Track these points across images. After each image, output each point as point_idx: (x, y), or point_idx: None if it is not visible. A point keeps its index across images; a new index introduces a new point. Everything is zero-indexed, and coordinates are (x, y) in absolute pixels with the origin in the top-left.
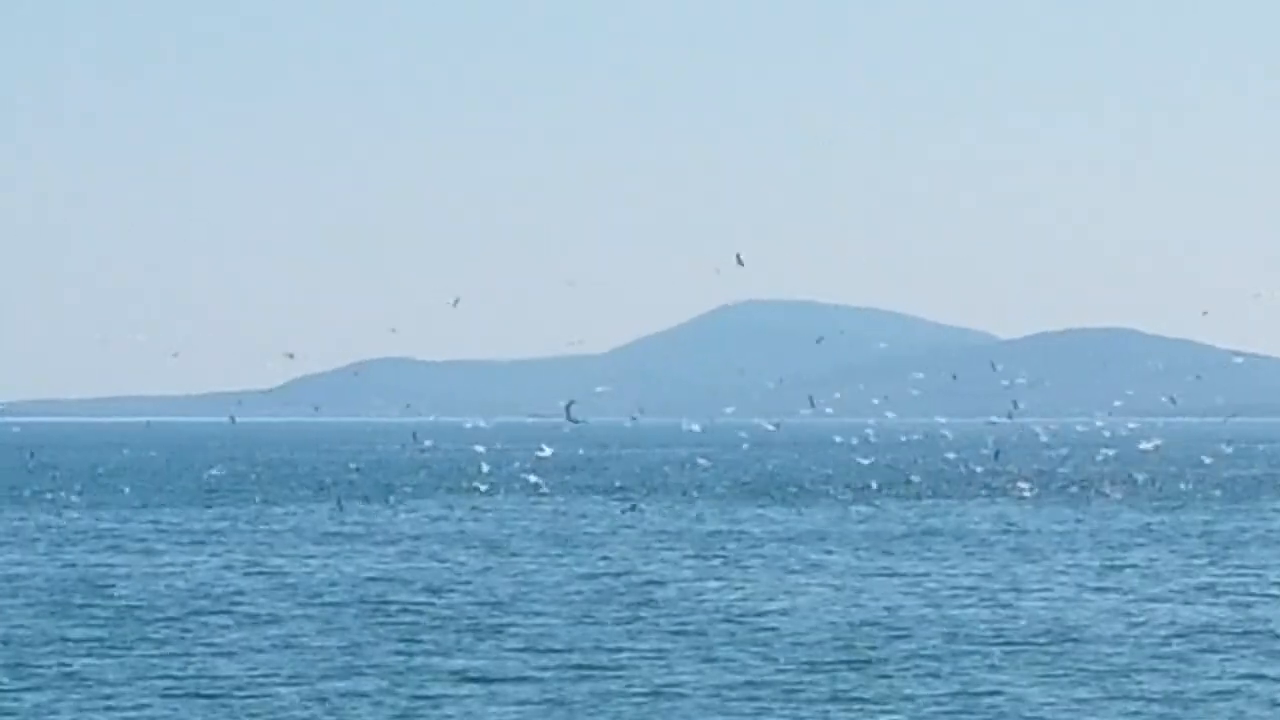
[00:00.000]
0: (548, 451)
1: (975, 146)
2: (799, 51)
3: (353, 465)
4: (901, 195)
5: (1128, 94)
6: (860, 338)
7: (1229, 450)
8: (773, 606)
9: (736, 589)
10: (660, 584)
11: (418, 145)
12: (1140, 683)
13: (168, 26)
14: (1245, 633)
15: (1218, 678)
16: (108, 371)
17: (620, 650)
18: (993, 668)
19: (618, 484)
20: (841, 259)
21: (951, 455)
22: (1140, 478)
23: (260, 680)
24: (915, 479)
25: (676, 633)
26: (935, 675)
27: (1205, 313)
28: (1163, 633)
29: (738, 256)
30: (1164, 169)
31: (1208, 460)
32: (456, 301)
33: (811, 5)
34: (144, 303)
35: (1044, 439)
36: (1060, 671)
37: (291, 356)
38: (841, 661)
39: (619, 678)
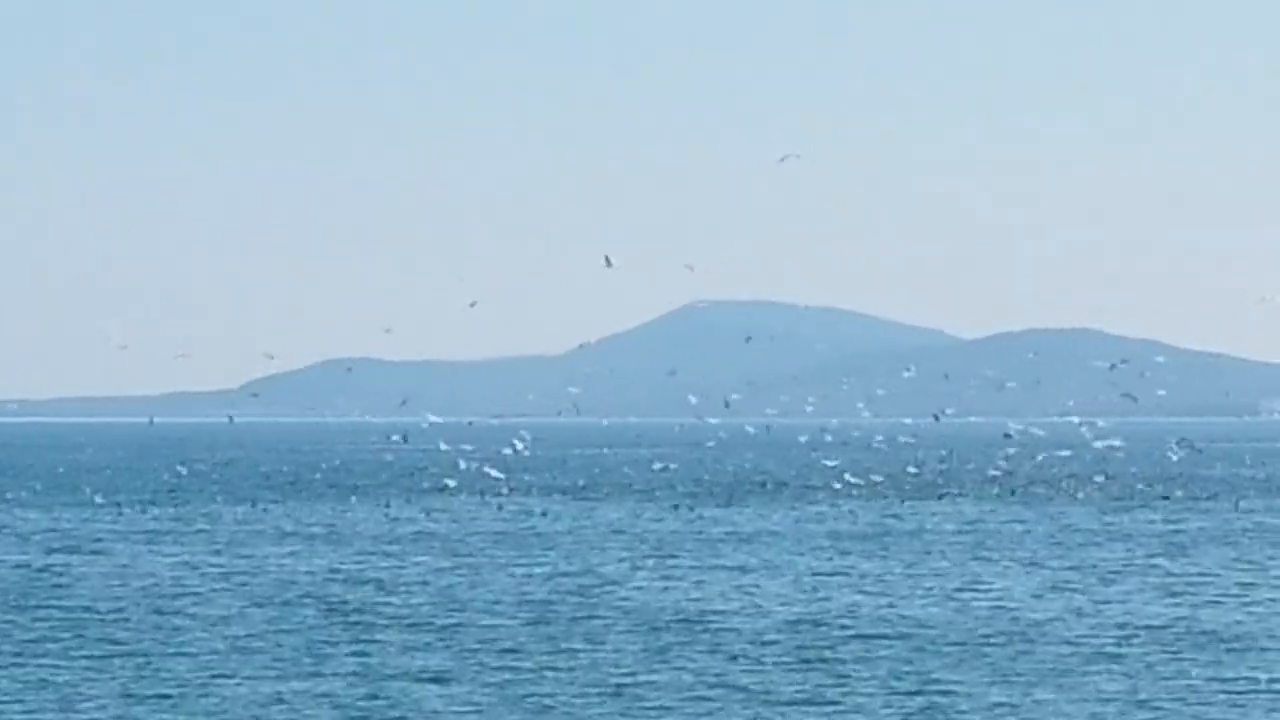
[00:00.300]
0: (522, 446)
1: (933, 147)
2: (757, 52)
3: (324, 465)
4: (863, 196)
5: (1086, 94)
6: (821, 338)
7: (1180, 451)
8: (730, 606)
9: (694, 589)
10: (617, 584)
11: (383, 146)
12: (1097, 682)
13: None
14: (1202, 632)
15: (1174, 678)
16: (72, 371)
17: (578, 650)
18: (949, 667)
19: (581, 483)
20: (804, 259)
21: (913, 454)
22: (1099, 478)
23: (217, 680)
24: (877, 479)
25: (633, 632)
26: (892, 675)
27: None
28: (1120, 632)
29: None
30: (1125, 168)
31: (1173, 458)
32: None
33: (772, 6)
34: (110, 303)
35: (1012, 435)
36: (1017, 671)
37: (272, 357)
38: (798, 661)
39: (575, 677)
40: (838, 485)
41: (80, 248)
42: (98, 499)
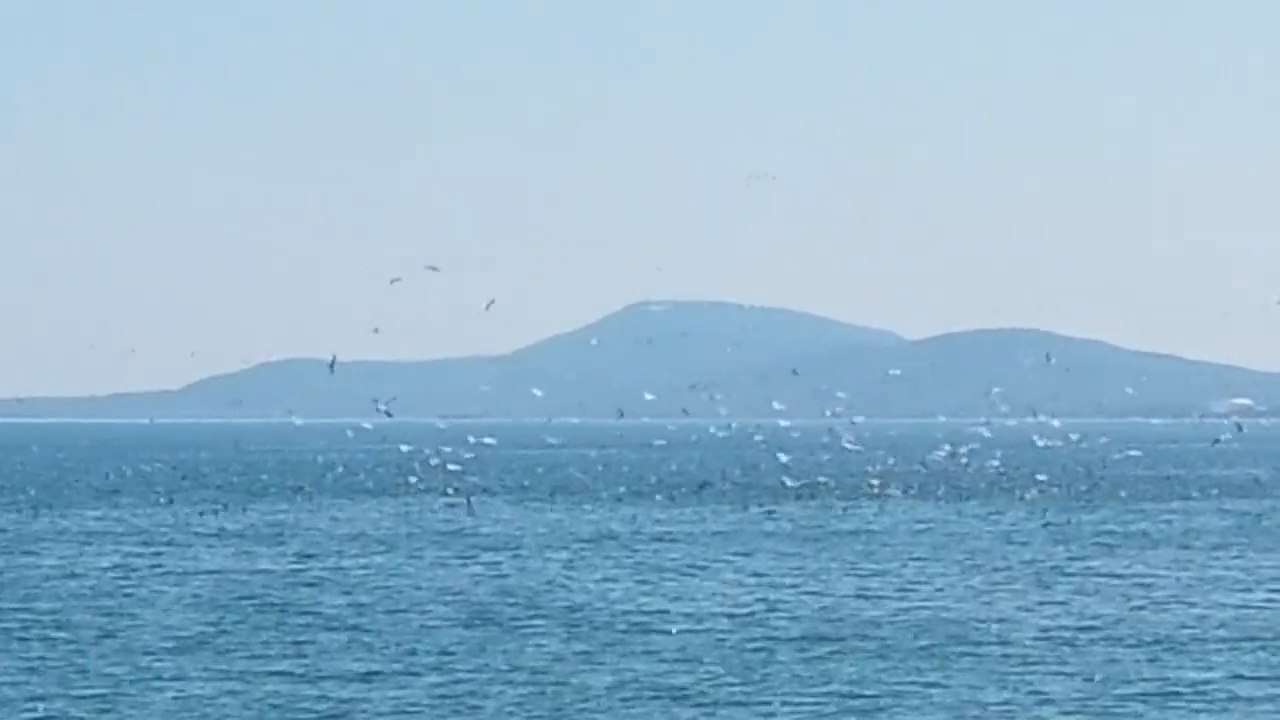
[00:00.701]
0: (488, 439)
1: (878, 147)
2: (705, 52)
3: (270, 465)
4: (808, 196)
5: (1026, 94)
6: (769, 338)
7: (1133, 451)
8: (671, 607)
9: (635, 589)
10: (557, 584)
11: (317, 145)
12: (1039, 683)
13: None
14: (1149, 631)
15: (1127, 679)
16: (14, 372)
17: (515, 651)
18: (891, 668)
19: (526, 484)
20: (752, 260)
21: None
22: (1043, 477)
23: (153, 681)
24: (823, 479)
25: (572, 633)
26: (833, 676)
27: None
28: (1067, 634)
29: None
30: (1070, 170)
31: (1117, 457)
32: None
33: (723, 7)
34: (57, 303)
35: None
36: (962, 672)
37: (193, 354)
38: (737, 662)
39: (513, 678)
40: (785, 485)
41: (21, 249)
42: (39, 500)
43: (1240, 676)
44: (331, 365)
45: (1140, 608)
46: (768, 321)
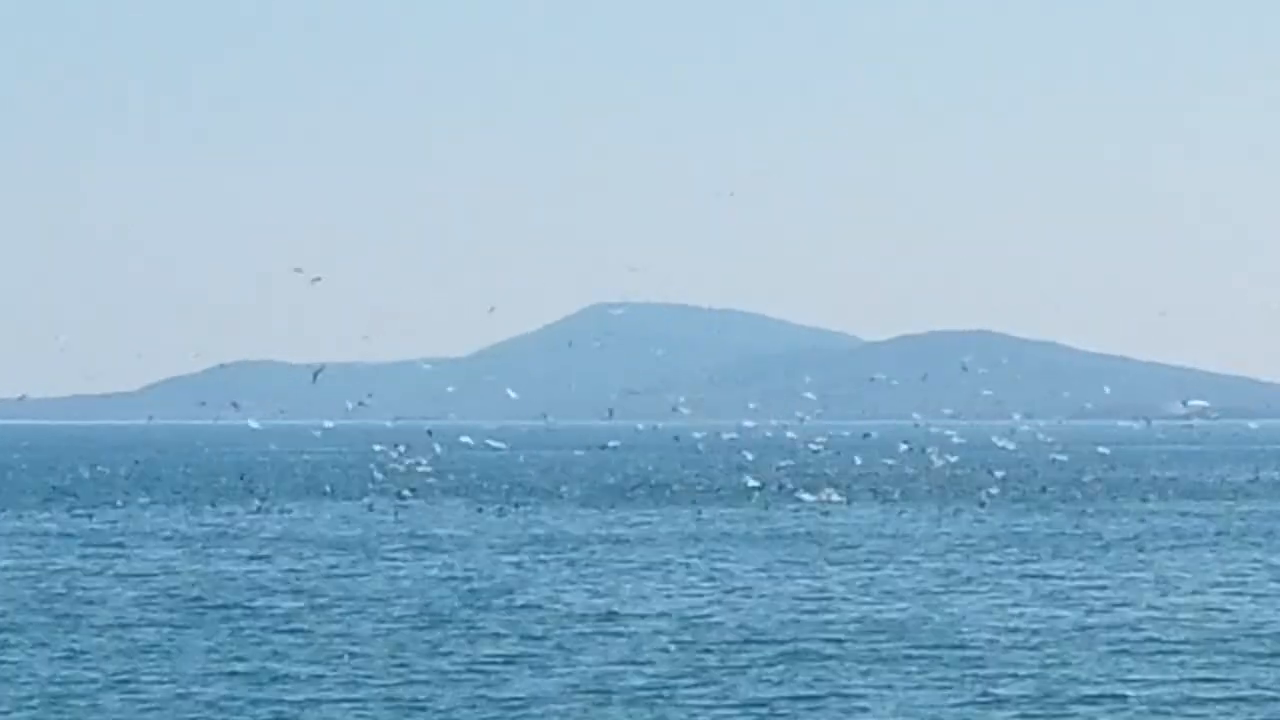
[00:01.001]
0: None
1: (836, 149)
2: (659, 52)
3: (229, 466)
4: (768, 197)
5: (984, 97)
6: (726, 340)
7: (1103, 452)
8: (624, 609)
9: (592, 592)
10: (515, 587)
11: (281, 147)
12: (1005, 685)
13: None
14: (1108, 634)
15: (1086, 680)
16: None
17: (465, 653)
18: (852, 672)
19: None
20: (710, 262)
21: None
22: (998, 476)
23: (102, 683)
24: (788, 482)
25: (523, 634)
26: (786, 678)
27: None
28: (1024, 635)
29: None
30: (1027, 170)
31: (1061, 459)
32: (315, 280)
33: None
34: (11, 303)
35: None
36: (915, 674)
37: (140, 356)
38: (686, 663)
39: (463, 680)
40: (745, 486)
41: None
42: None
43: (1193, 679)
44: (315, 375)
45: (1096, 609)
46: (726, 323)
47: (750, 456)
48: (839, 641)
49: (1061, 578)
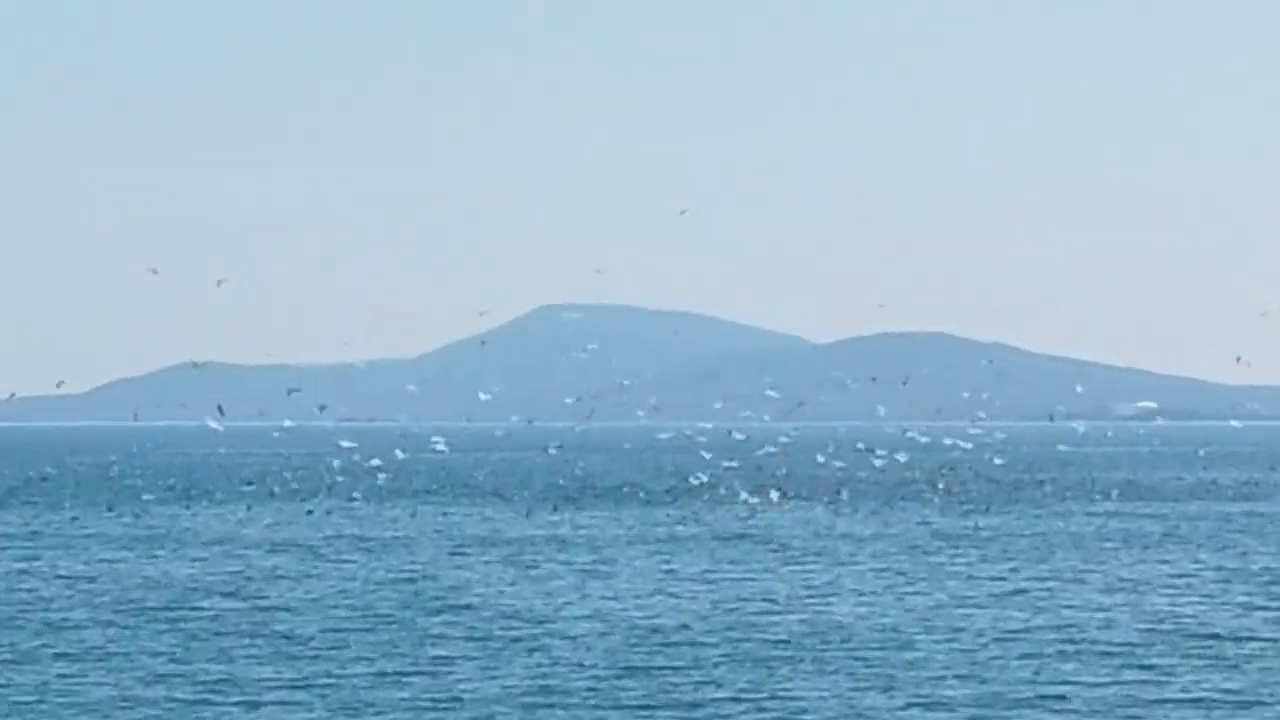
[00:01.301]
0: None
1: (784, 149)
2: (605, 53)
3: (178, 468)
4: (715, 200)
5: (932, 97)
6: (678, 342)
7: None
8: (569, 611)
9: (534, 593)
10: (457, 589)
11: (229, 147)
12: (949, 687)
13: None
14: (1052, 635)
15: (1012, 683)
16: None
17: (418, 656)
18: (793, 674)
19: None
20: (659, 263)
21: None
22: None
23: (43, 687)
24: (737, 484)
25: (465, 636)
26: (730, 680)
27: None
28: (969, 636)
29: None
30: (972, 174)
31: (999, 462)
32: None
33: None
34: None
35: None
36: (848, 675)
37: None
38: (627, 665)
39: (407, 682)
40: (690, 486)
41: None
42: None
43: (1137, 681)
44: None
45: (1042, 610)
46: (676, 326)
47: (708, 456)
48: (782, 642)
49: (1006, 579)
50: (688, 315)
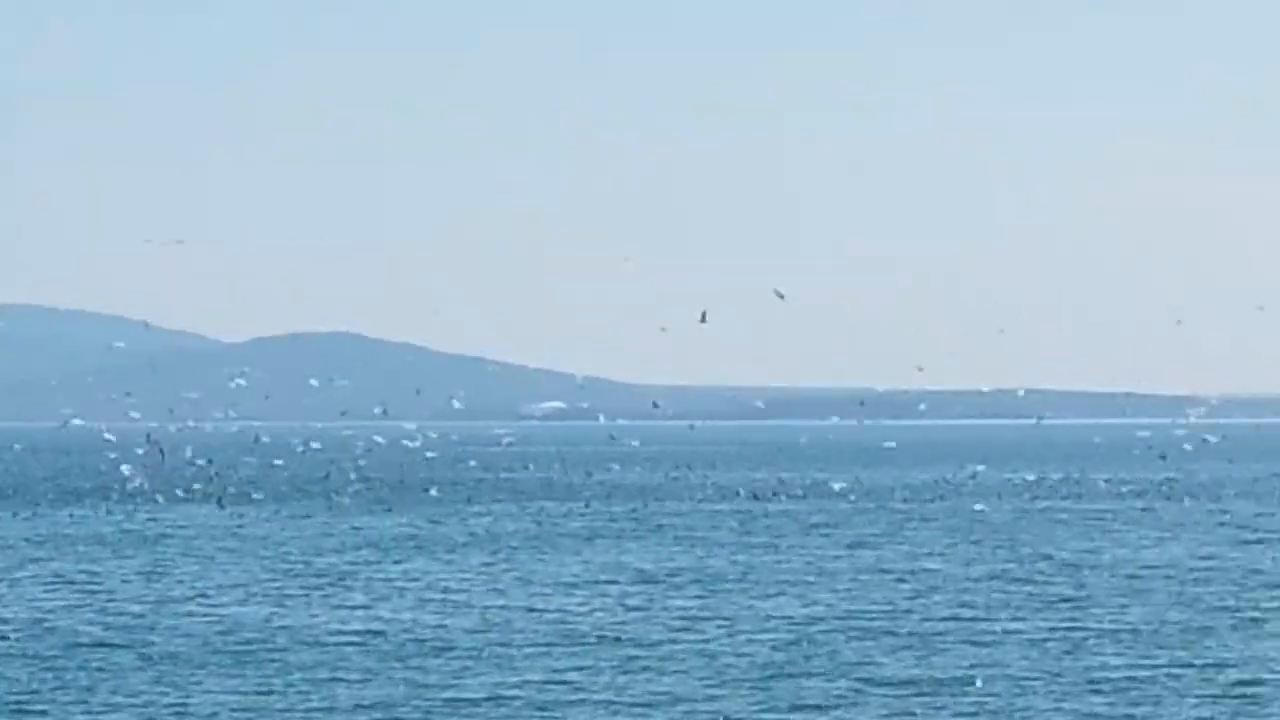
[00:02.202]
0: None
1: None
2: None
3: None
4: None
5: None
6: (87, 342)
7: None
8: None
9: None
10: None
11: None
12: (364, 688)
13: None
14: (463, 637)
15: (428, 685)
16: None
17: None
18: (176, 675)
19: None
20: (56, 263)
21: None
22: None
23: None
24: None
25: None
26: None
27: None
28: (361, 638)
29: None
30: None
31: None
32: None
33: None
34: None
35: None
36: (247, 677)
37: None
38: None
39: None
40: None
41: None
42: None
43: (530, 681)
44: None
45: (453, 610)
46: (82, 325)
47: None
48: (186, 643)
49: (405, 579)
50: (94, 314)
